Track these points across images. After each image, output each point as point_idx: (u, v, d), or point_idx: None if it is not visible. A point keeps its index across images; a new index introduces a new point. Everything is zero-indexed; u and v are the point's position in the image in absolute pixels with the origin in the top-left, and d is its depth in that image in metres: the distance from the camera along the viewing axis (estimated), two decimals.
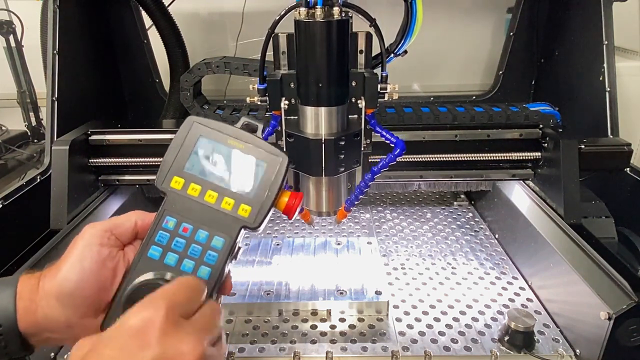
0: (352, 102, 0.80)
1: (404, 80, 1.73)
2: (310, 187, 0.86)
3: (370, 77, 0.77)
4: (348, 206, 0.88)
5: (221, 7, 1.66)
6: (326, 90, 0.76)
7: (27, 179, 1.18)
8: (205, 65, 1.32)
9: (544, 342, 0.91)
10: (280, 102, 0.79)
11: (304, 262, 1.14)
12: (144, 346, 0.42)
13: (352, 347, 0.91)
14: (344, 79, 0.78)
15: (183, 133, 0.56)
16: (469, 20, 1.68)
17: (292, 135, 0.80)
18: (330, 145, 0.77)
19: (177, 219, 0.54)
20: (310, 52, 0.74)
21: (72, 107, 1.31)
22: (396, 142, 0.79)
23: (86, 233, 0.54)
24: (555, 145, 1.11)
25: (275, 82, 0.79)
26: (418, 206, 1.54)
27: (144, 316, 0.44)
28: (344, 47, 0.75)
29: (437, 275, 1.16)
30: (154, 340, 0.42)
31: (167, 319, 0.43)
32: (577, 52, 1.43)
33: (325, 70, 0.75)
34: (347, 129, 0.80)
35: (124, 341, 0.42)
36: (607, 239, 1.11)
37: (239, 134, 0.56)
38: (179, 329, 0.44)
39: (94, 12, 1.50)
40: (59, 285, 0.51)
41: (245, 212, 0.54)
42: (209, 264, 0.52)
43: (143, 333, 0.42)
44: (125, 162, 1.20)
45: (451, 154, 1.19)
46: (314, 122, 0.78)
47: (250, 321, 0.99)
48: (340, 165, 0.81)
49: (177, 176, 0.55)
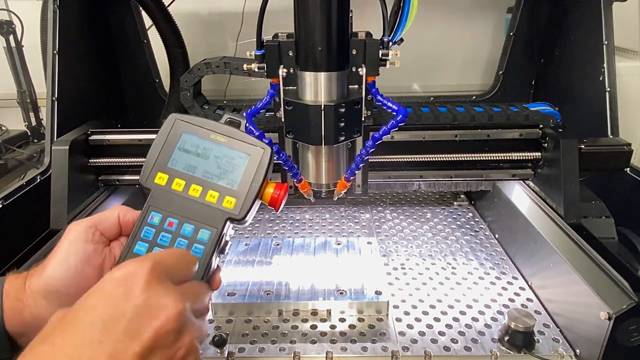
0: (352, 72, 0.78)
1: (404, 80, 1.73)
2: (310, 157, 0.84)
3: (371, 42, 0.75)
4: (348, 176, 0.86)
5: (221, 7, 1.66)
6: (325, 54, 0.74)
7: (27, 179, 1.18)
8: (205, 65, 1.32)
9: (544, 342, 0.91)
10: (278, 69, 0.78)
11: (304, 262, 1.14)
12: (127, 295, 0.42)
13: (352, 347, 0.91)
14: (344, 43, 0.76)
15: (166, 130, 0.57)
16: (469, 20, 1.68)
17: (290, 103, 0.78)
18: (330, 111, 0.76)
19: (162, 214, 0.54)
20: (309, 14, 0.72)
21: (72, 107, 1.31)
22: (398, 109, 0.77)
23: (71, 230, 0.54)
24: (555, 145, 1.11)
25: (273, 47, 0.77)
26: (418, 206, 1.54)
27: (129, 269, 0.44)
28: (344, 9, 0.74)
29: (437, 275, 1.16)
30: (138, 290, 0.42)
31: (152, 273, 0.43)
32: (577, 52, 1.43)
33: (325, 33, 0.73)
34: (347, 97, 0.78)
35: (108, 290, 0.43)
36: (607, 239, 1.11)
37: (221, 129, 0.57)
38: (163, 284, 0.44)
39: (94, 12, 1.50)
40: (45, 284, 0.51)
41: (230, 204, 0.54)
42: (196, 256, 0.53)
43: (127, 283, 0.43)
44: (125, 162, 1.20)
45: (451, 154, 1.19)
46: (313, 88, 0.77)
47: (250, 321, 0.99)
48: (340, 134, 0.79)
49: (161, 172, 0.55)
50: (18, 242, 0.98)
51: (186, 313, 0.44)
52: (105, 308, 0.41)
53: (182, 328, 0.43)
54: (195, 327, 0.46)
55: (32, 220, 1.07)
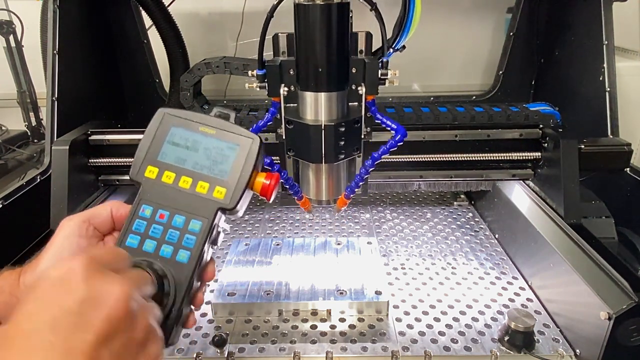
0: (352, 89, 0.79)
1: (404, 80, 1.73)
2: (310, 174, 0.85)
3: (371, 62, 0.77)
4: (348, 194, 0.87)
5: (221, 7, 1.66)
6: (326, 75, 0.75)
7: (27, 179, 1.18)
8: (205, 65, 1.32)
9: (544, 342, 0.91)
10: (279, 88, 0.79)
11: (304, 262, 1.14)
12: (69, 290, 0.40)
13: (352, 347, 0.91)
14: (344, 64, 0.77)
15: (155, 124, 0.57)
16: (469, 20, 1.68)
17: (291, 121, 0.79)
18: (330, 131, 0.77)
19: (153, 207, 0.54)
20: (310, 36, 0.73)
21: (72, 107, 1.31)
22: (397, 128, 0.79)
23: (64, 225, 0.54)
24: (555, 145, 1.11)
25: (275, 67, 0.78)
26: (418, 206, 1.54)
27: (65, 266, 0.42)
28: (344, 30, 0.75)
29: (437, 275, 1.16)
30: (79, 283, 0.40)
31: (89, 265, 0.42)
32: (577, 52, 1.43)
33: (325, 54, 0.74)
34: (347, 116, 0.79)
35: (47, 291, 0.40)
36: (607, 239, 1.11)
37: (210, 121, 0.57)
38: (104, 273, 0.42)
39: (94, 12, 1.50)
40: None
41: (221, 194, 0.54)
42: (188, 247, 0.53)
43: (66, 280, 0.41)
44: (125, 162, 1.20)
45: (451, 154, 1.19)
46: (314, 108, 0.78)
47: (250, 321, 0.99)
48: (340, 152, 0.80)
49: (151, 165, 0.56)
50: (18, 242, 0.98)
51: (134, 295, 0.42)
52: (48, 309, 0.39)
53: (134, 311, 0.42)
54: (149, 309, 0.45)
55: (32, 220, 1.07)
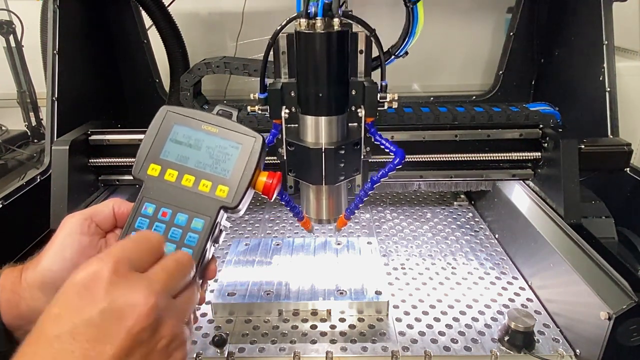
0: (352, 111, 0.81)
1: (404, 80, 1.73)
2: (311, 195, 0.87)
3: (370, 86, 0.78)
4: (348, 215, 0.89)
5: (221, 7, 1.67)
6: (326, 100, 0.77)
7: (27, 179, 1.18)
8: (205, 65, 1.32)
9: (544, 342, 0.91)
10: (280, 111, 0.80)
11: (304, 262, 1.14)
12: (92, 300, 0.40)
13: (352, 347, 0.91)
14: (343, 89, 0.78)
15: (158, 122, 0.58)
16: (469, 21, 1.68)
17: (292, 144, 0.81)
18: (330, 154, 0.78)
19: (155, 205, 0.54)
20: (310, 63, 0.75)
21: (72, 107, 1.31)
22: (396, 151, 0.80)
23: (66, 223, 0.54)
24: (555, 145, 1.10)
25: (276, 91, 0.80)
26: (418, 206, 1.54)
27: (90, 270, 0.42)
28: (344, 58, 0.76)
29: (437, 275, 1.16)
30: (101, 293, 0.40)
31: (116, 271, 0.42)
32: (577, 52, 1.43)
33: (325, 80, 0.75)
34: (347, 138, 0.81)
35: (71, 296, 0.41)
36: (607, 239, 1.11)
37: (213, 119, 0.57)
38: (129, 280, 0.42)
39: (94, 12, 1.50)
40: (41, 276, 0.51)
41: (223, 193, 0.54)
42: (190, 245, 0.53)
43: (89, 287, 0.41)
44: (125, 162, 1.20)
45: (451, 154, 1.18)
46: (314, 131, 0.79)
47: (250, 321, 0.99)
48: (340, 174, 0.82)
49: (154, 163, 0.56)
50: (18, 242, 0.98)
51: (159, 304, 0.42)
52: (70, 316, 0.40)
53: (158, 320, 0.42)
54: (176, 310, 0.44)
55: (32, 220, 1.07)
